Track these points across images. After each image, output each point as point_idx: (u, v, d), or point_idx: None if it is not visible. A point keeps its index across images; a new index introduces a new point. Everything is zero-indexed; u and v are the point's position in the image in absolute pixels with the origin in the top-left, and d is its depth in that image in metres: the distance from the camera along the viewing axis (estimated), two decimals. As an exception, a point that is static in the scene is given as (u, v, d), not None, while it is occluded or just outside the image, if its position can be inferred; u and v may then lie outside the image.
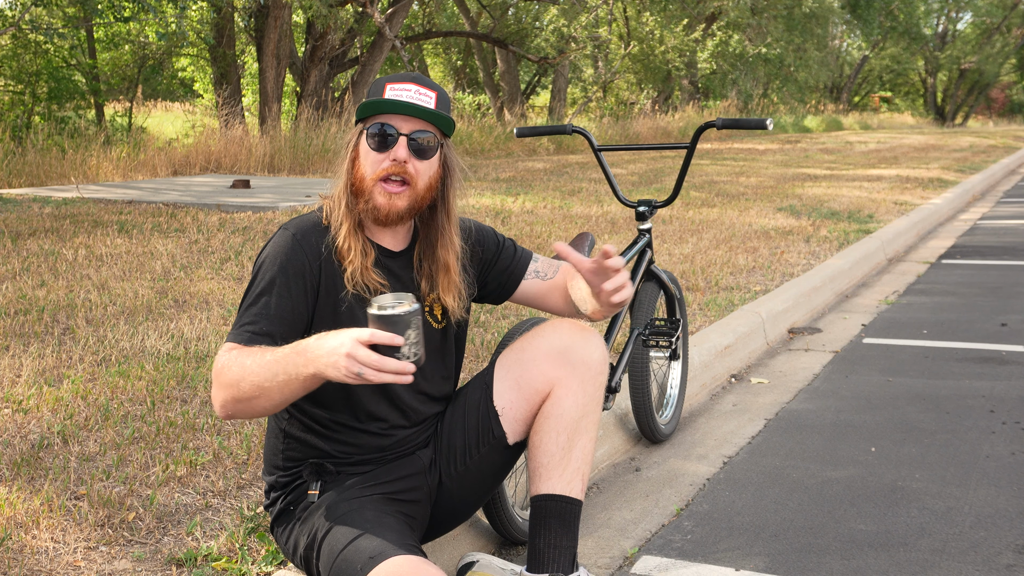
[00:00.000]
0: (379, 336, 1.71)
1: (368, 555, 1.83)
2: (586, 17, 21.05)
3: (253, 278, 2.02)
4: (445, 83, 31.48)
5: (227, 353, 1.90)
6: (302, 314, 2.01)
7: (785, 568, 2.51)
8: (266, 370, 1.83)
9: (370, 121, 2.04)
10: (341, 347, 1.72)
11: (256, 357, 1.85)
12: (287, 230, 2.05)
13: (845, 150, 18.95)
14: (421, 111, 2.01)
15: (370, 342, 1.71)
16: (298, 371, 1.79)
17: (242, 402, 1.88)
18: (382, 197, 2.03)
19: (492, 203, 9.06)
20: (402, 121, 2.03)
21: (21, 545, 2.31)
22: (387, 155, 2.02)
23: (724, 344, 4.39)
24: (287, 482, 2.13)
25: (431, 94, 2.06)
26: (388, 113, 2.02)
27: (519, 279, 2.34)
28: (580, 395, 2.12)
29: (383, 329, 1.72)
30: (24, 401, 3.24)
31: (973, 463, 3.23)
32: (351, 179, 2.05)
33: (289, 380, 1.81)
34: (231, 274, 5.39)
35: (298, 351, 1.80)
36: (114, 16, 15.29)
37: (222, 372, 1.88)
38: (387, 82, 2.06)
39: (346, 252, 2.04)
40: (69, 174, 10.97)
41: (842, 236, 7.52)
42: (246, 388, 1.85)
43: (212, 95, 20.84)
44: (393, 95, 2.03)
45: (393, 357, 1.72)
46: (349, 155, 2.07)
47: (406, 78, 2.06)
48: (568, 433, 2.12)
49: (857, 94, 45.38)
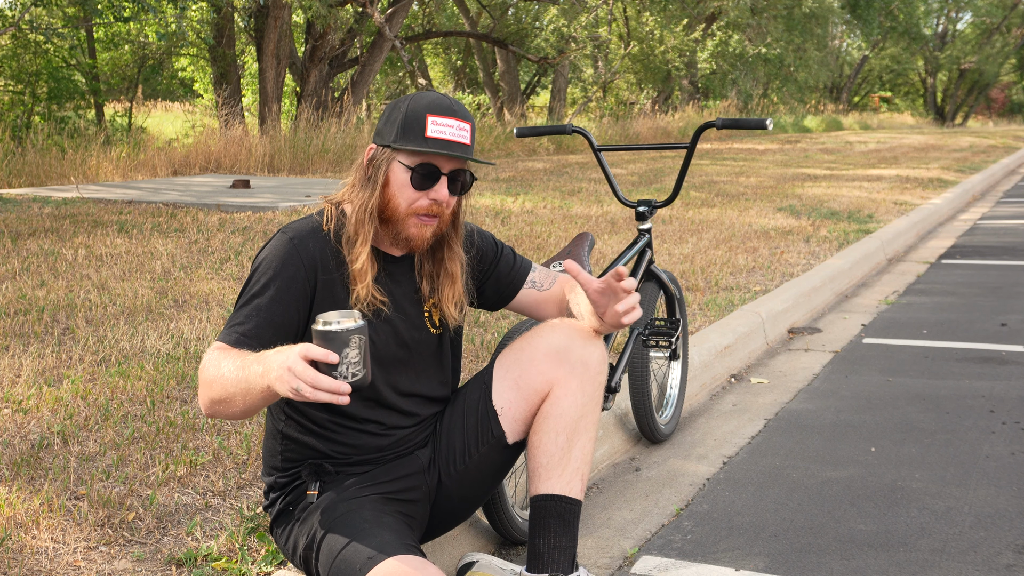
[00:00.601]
0: (314, 352, 1.66)
1: (367, 555, 1.83)
2: (586, 17, 21.05)
3: (248, 279, 2.02)
4: (445, 83, 31.50)
5: (212, 352, 1.90)
6: (293, 320, 1.99)
7: (785, 568, 2.51)
8: (233, 375, 1.81)
9: (407, 155, 2.01)
10: (285, 361, 1.68)
11: (232, 360, 1.83)
12: (285, 234, 2.04)
13: (845, 150, 18.95)
14: (462, 149, 2.01)
15: (307, 357, 1.67)
16: (255, 382, 1.76)
17: (217, 403, 1.87)
18: (415, 229, 2.03)
19: (492, 203, 9.06)
20: (444, 161, 2.02)
21: (21, 545, 2.31)
22: (426, 194, 2.01)
23: (724, 344, 4.39)
24: (286, 483, 2.13)
25: (467, 127, 2.03)
26: (430, 151, 1.98)
27: (517, 289, 2.34)
28: (579, 395, 2.12)
29: (321, 345, 1.68)
30: (24, 401, 3.24)
31: (973, 463, 3.23)
32: (380, 205, 2.03)
33: (249, 390, 1.78)
34: (231, 274, 5.39)
35: (257, 360, 1.77)
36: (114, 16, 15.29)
37: (203, 370, 1.89)
38: (428, 113, 2.00)
39: (361, 276, 2.02)
40: (69, 174, 10.97)
41: (842, 236, 7.53)
42: (218, 390, 1.85)
43: (212, 95, 20.84)
44: (436, 132, 1.99)
45: (330, 375, 1.67)
46: (380, 180, 2.02)
47: (446, 110, 2.02)
48: (567, 433, 2.12)
49: (857, 94, 45.39)
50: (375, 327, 2.07)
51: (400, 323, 2.12)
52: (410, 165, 2.01)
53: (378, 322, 2.08)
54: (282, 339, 1.97)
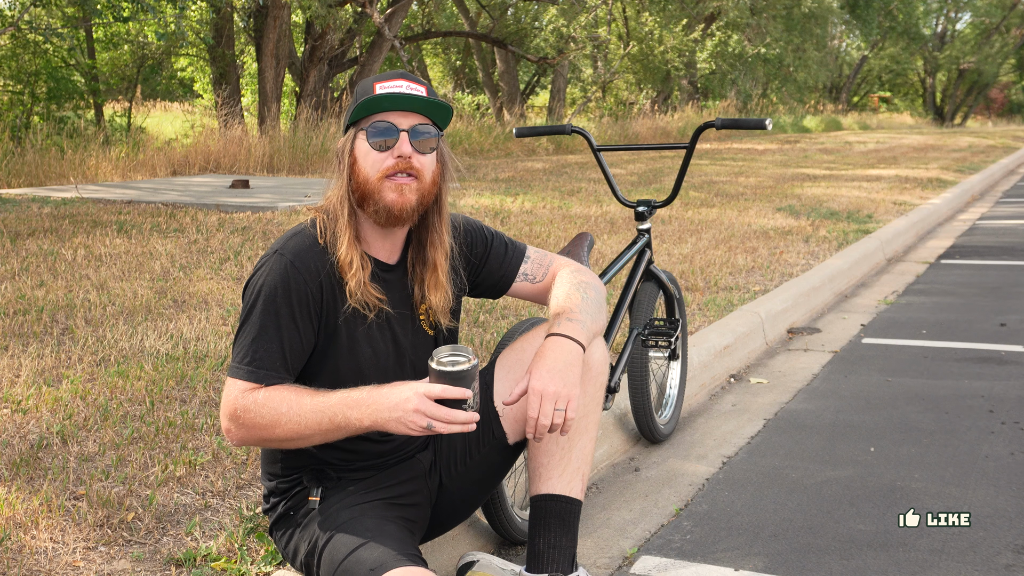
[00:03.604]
0: (451, 391, 1.77)
1: (369, 566, 1.82)
2: (585, 17, 21.05)
3: (252, 306, 1.95)
4: (444, 83, 31.48)
5: (247, 395, 1.89)
6: (309, 342, 1.99)
7: (784, 568, 2.51)
8: (308, 418, 1.85)
9: (365, 122, 2.00)
10: (407, 403, 1.78)
11: (291, 403, 1.86)
12: (283, 256, 1.97)
13: (844, 150, 18.96)
14: (419, 101, 1.97)
15: (440, 396, 1.77)
16: (350, 423, 1.84)
17: (270, 441, 1.91)
18: (393, 192, 1.97)
19: (491, 203, 9.06)
20: (400, 117, 1.98)
21: (20, 545, 2.30)
22: (389, 153, 1.97)
23: (723, 344, 4.39)
24: (287, 488, 2.11)
25: (419, 86, 2.02)
26: (384, 111, 1.97)
27: (510, 282, 2.29)
28: (580, 395, 2.12)
29: (447, 383, 1.78)
30: (23, 401, 3.24)
31: (972, 463, 3.23)
32: (352, 185, 1.99)
33: (337, 429, 1.85)
34: (230, 274, 5.39)
35: (349, 403, 1.84)
36: (113, 16, 15.28)
37: (247, 413, 1.87)
38: (375, 82, 2.01)
39: (348, 265, 1.99)
40: (68, 174, 10.97)
41: (841, 236, 7.53)
42: (282, 433, 1.87)
43: (211, 95, 20.84)
44: (384, 91, 1.98)
45: (460, 408, 1.80)
46: (346, 161, 2.00)
47: (394, 75, 2.02)
48: (568, 433, 2.11)
49: (856, 94, 45.39)
50: (373, 332, 2.06)
51: (398, 327, 2.10)
52: (366, 128, 1.99)
53: (376, 326, 2.06)
54: (302, 363, 1.99)
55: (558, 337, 2.01)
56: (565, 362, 1.97)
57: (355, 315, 2.02)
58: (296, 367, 1.97)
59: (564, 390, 1.93)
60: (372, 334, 2.05)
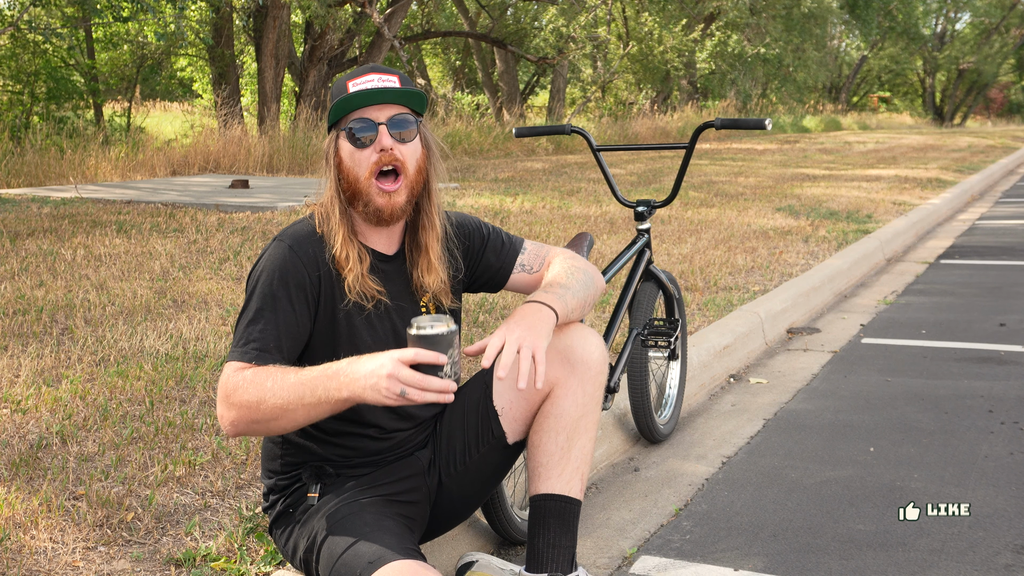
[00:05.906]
0: (423, 355, 1.72)
1: (367, 560, 1.82)
2: (585, 17, 21.05)
3: (251, 292, 2.00)
4: (444, 83, 31.48)
5: (237, 373, 1.89)
6: (305, 327, 2.00)
7: (784, 568, 2.52)
8: (291, 392, 1.83)
9: (344, 121, 2.03)
10: (381, 368, 1.73)
11: (276, 378, 1.85)
12: (283, 242, 2.03)
13: (844, 150, 18.96)
14: (391, 93, 2.01)
15: (413, 361, 1.73)
16: (329, 394, 1.80)
17: (260, 423, 1.88)
18: (381, 198, 2.01)
19: (491, 203, 9.06)
20: (376, 111, 2.01)
21: (20, 545, 2.30)
22: (371, 148, 2.01)
23: (723, 344, 4.39)
24: (286, 485, 2.12)
25: (391, 77, 2.05)
26: (359, 108, 2.01)
27: (508, 274, 2.31)
28: (580, 395, 2.12)
29: (425, 348, 1.74)
30: (23, 401, 3.24)
31: (971, 463, 3.23)
32: (341, 186, 2.04)
33: (318, 403, 1.82)
34: (230, 274, 5.39)
35: (329, 374, 1.81)
36: (113, 16, 15.28)
37: (236, 392, 1.87)
38: (348, 80, 2.05)
39: (344, 260, 2.02)
40: (68, 174, 10.97)
41: (841, 236, 7.53)
42: (267, 409, 1.85)
43: (211, 95, 20.83)
44: (357, 89, 2.02)
45: (435, 376, 1.74)
46: (332, 162, 2.05)
47: (365, 71, 2.06)
48: (567, 433, 2.12)
49: (856, 94, 45.39)
50: (372, 320, 2.07)
51: (397, 316, 2.11)
52: (345, 128, 2.02)
53: (375, 315, 2.08)
54: (298, 347, 1.99)
55: (532, 303, 2.03)
56: (535, 318, 1.97)
57: (357, 309, 2.05)
58: (292, 350, 1.97)
59: (529, 336, 1.91)
60: (372, 323, 2.07)
